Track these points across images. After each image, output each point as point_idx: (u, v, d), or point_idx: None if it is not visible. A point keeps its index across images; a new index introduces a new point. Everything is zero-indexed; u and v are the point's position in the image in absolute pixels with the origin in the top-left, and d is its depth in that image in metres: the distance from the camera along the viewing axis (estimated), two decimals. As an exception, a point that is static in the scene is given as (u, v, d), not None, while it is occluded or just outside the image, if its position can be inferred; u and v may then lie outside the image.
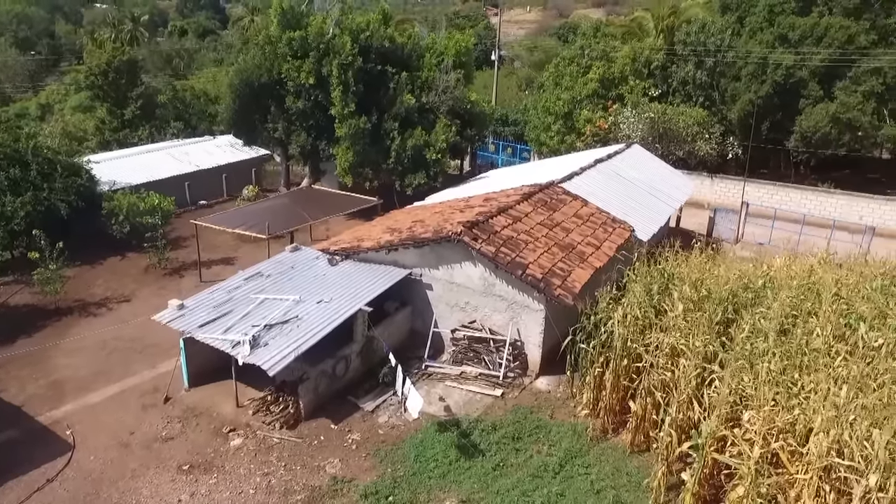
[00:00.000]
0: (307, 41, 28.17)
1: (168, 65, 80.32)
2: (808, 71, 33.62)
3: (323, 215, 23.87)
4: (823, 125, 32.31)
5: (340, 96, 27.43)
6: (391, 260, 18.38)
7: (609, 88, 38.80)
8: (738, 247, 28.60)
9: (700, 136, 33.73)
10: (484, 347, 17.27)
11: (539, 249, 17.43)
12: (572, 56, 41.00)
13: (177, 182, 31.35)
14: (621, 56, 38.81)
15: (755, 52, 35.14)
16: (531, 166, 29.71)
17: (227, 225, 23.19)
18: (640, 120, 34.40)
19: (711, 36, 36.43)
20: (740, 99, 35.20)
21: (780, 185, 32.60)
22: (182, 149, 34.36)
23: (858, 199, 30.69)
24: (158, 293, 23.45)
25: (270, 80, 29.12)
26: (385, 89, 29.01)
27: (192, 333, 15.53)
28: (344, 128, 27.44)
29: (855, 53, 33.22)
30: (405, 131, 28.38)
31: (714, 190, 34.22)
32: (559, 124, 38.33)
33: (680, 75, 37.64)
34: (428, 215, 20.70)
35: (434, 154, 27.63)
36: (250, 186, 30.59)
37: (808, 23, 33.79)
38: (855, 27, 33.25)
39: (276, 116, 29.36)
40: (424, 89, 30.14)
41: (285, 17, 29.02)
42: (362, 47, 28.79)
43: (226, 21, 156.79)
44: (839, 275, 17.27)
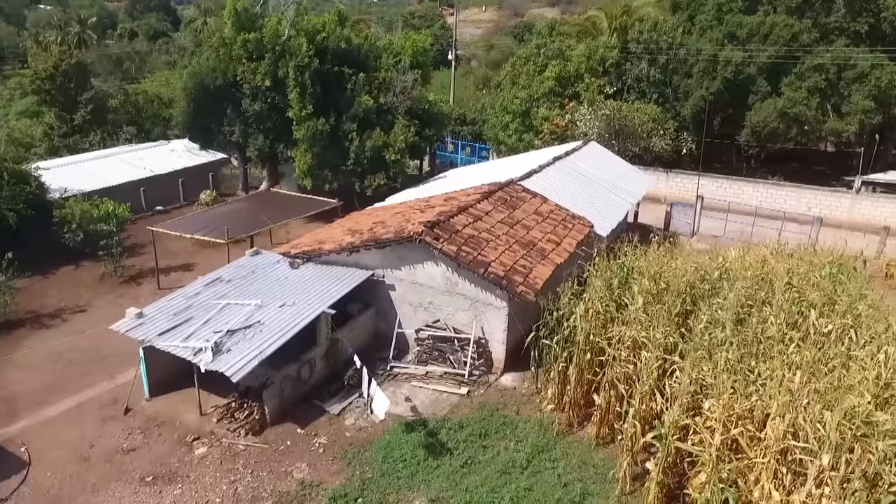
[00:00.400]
0: (262, 43, 27.85)
1: (118, 68, 78.40)
2: (756, 67, 34.60)
3: (283, 218, 23.62)
4: (772, 120, 33.28)
5: (298, 98, 27.18)
6: (353, 262, 18.30)
7: (565, 87, 39.28)
8: (694, 240, 29.21)
9: (655, 133, 34.39)
10: (448, 346, 17.33)
11: (500, 247, 17.56)
12: (528, 55, 41.43)
13: (131, 188, 30.66)
14: (576, 55, 39.33)
15: (706, 49, 35.99)
16: (491, 165, 29.91)
17: (185, 230, 22.79)
18: (597, 117, 34.90)
19: (663, 34, 37.20)
20: (692, 95, 36.01)
21: (733, 178, 33.45)
22: (136, 154, 33.62)
23: (806, 191, 31.67)
24: (115, 302, 22.91)
25: (226, 83, 28.70)
26: (342, 90, 28.85)
27: (151, 342, 15.24)
28: (302, 130, 27.20)
29: (799, 50, 34.31)
30: (364, 132, 28.27)
31: (670, 185, 34.93)
32: (517, 123, 38.66)
33: (634, 73, 38.33)
34: (389, 216, 20.66)
35: (393, 155, 27.58)
36: (208, 191, 30.09)
37: (754, 21, 34.75)
38: (798, 25, 34.32)
39: (233, 119, 28.96)
40: (382, 90, 30.06)
41: (239, 18, 28.63)
42: (319, 48, 28.59)
43: (177, 23, 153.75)
44: (790, 264, 17.84)
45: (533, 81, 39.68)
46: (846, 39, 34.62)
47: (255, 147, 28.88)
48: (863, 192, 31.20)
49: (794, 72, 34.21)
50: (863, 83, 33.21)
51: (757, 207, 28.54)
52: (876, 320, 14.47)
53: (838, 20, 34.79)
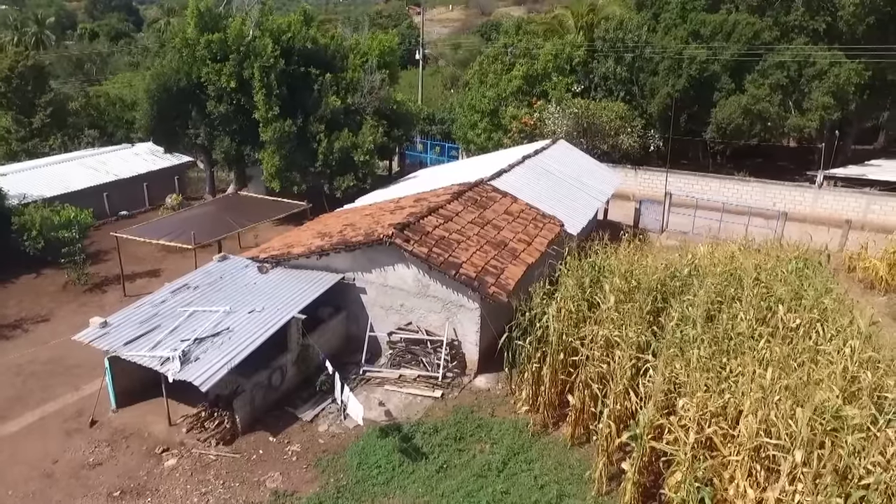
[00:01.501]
0: (227, 44, 27.33)
1: (79, 70, 76.45)
2: (720, 65, 35.01)
3: (251, 222, 23.21)
4: (736, 116, 33.72)
5: (264, 100, 26.75)
6: (323, 265, 18.02)
7: (533, 85, 39.36)
8: (663, 236, 29.45)
9: (623, 131, 34.61)
10: (421, 349, 17.17)
11: (471, 248, 17.45)
12: (496, 54, 41.40)
13: (94, 193, 29.89)
14: (544, 53, 39.40)
15: (671, 47, 36.32)
16: (460, 164, 29.81)
17: (150, 236, 22.26)
18: (565, 115, 35.01)
19: (629, 33, 37.46)
20: (659, 93, 36.32)
21: (700, 175, 33.84)
22: (99, 158, 32.77)
23: (771, 186, 32.17)
24: (79, 311, 22.30)
25: (190, 85, 28.12)
26: (309, 91, 28.48)
27: (117, 352, 14.82)
28: (269, 132, 26.78)
29: (761, 48, 34.82)
30: (332, 133, 27.94)
31: (638, 182, 35.20)
32: (486, 122, 38.61)
33: (601, 71, 38.53)
34: (358, 218, 20.42)
35: (362, 156, 27.31)
36: (174, 195, 29.47)
37: (717, 19, 35.19)
38: (760, 24, 34.83)
39: (198, 122, 28.39)
40: (350, 90, 29.76)
41: (202, 19, 28.06)
42: (284, 49, 28.17)
43: (140, 23, 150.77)
44: (758, 260, 18.05)
45: (501, 80, 39.68)
46: (805, 38, 35.22)
47: (221, 150, 28.36)
48: (825, 186, 31.75)
49: (757, 69, 34.71)
50: (822, 80, 33.81)
51: (724, 203, 28.84)
52: (841, 314, 14.69)
53: (797, 18, 35.37)
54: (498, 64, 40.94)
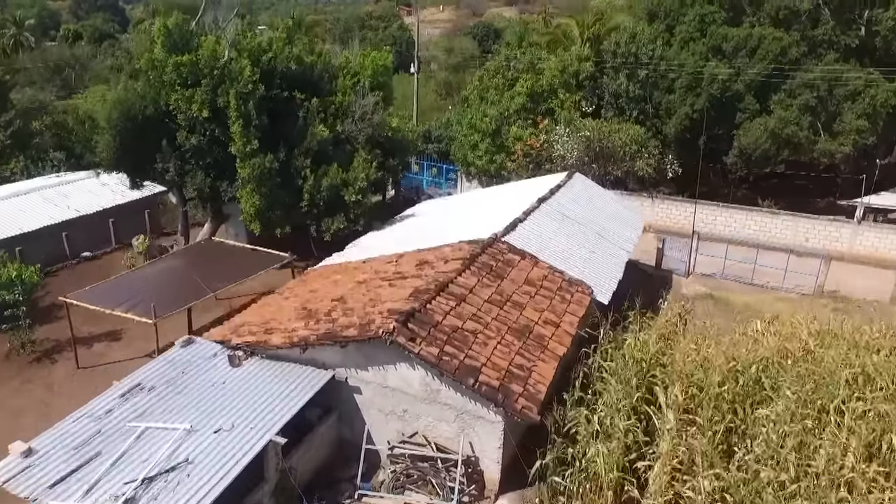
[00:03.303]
0: (198, 66, 23.58)
1: (57, 75, 72.01)
2: (744, 84, 31.57)
3: (224, 283, 19.60)
4: (763, 142, 30.34)
5: (241, 132, 23.06)
6: (308, 358, 14.50)
7: (538, 102, 35.75)
8: (690, 280, 26.16)
9: (638, 156, 31.12)
10: (430, 466, 13.68)
11: (491, 340, 13.96)
12: (497, 68, 37.74)
13: (52, 232, 26.24)
14: (549, 68, 35.76)
15: (689, 63, 32.85)
16: (464, 201, 26.23)
17: (106, 303, 18.67)
18: (575, 139, 31.51)
19: (642, 47, 33.92)
20: (676, 113, 32.88)
21: (724, 206, 30.43)
22: (59, 189, 29.00)
23: (803, 220, 28.85)
24: (21, 390, 18.77)
25: (157, 112, 24.37)
26: (293, 119, 24.81)
27: (40, 500, 11.24)
28: (247, 168, 23.11)
29: (788, 65, 31.41)
30: (319, 168, 24.31)
31: (656, 211, 31.78)
32: (487, 143, 35.01)
33: (612, 88, 35.00)
34: (350, 287, 16.90)
35: (353, 195, 23.69)
36: (141, 237, 25.72)
37: (741, 34, 31.73)
38: (787, 38, 31.41)
39: (167, 154, 24.65)
40: (339, 116, 26.11)
41: (171, 37, 24.27)
42: (265, 71, 24.48)
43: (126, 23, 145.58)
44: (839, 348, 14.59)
45: (503, 97, 36.06)
46: (836, 53, 31.85)
47: (193, 186, 24.66)
48: (864, 222, 28.42)
49: (784, 88, 31.29)
50: (855, 101, 30.48)
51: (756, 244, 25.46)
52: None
53: (826, 33, 31.98)
54: (499, 78, 37.28)
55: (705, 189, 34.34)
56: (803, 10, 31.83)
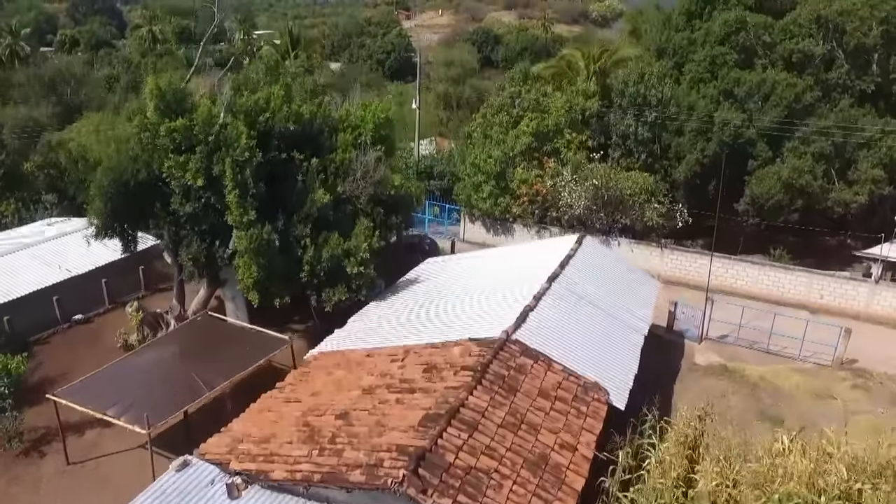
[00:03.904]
0: (192, 132, 22.32)
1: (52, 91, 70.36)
2: (757, 130, 30.40)
3: (221, 378, 18.39)
4: (776, 192, 29.21)
5: (237, 201, 21.84)
6: (312, 492, 13.37)
7: (543, 142, 34.56)
8: (703, 346, 25.08)
9: (648, 206, 29.95)
10: None
11: (506, 481, 12.88)
12: (502, 104, 36.45)
13: (42, 296, 25.02)
14: (555, 106, 34.50)
15: (699, 106, 31.68)
16: (469, 268, 24.94)
17: (96, 402, 17.58)
18: (583, 187, 30.35)
19: (652, 88, 32.66)
20: (686, 158, 31.79)
21: (735, 259, 29.30)
22: (51, 246, 27.78)
23: (818, 277, 27.74)
24: (6, 493, 17.62)
25: (150, 177, 23.11)
26: (292, 182, 23.61)
27: None
28: (244, 240, 21.90)
29: (802, 111, 30.26)
30: (319, 234, 23.11)
31: (665, 262, 30.65)
32: (491, 185, 33.84)
33: (620, 129, 33.78)
34: (354, 396, 15.83)
35: (356, 267, 22.51)
36: (134, 304, 24.44)
37: (754, 79, 30.54)
38: (800, 84, 30.21)
39: (161, 220, 23.44)
40: (340, 175, 24.91)
41: (164, 98, 22.99)
42: (262, 133, 23.27)
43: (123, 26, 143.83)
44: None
45: (507, 136, 34.82)
46: (850, 98, 30.70)
47: (188, 255, 23.44)
48: (882, 281, 27.31)
49: (798, 135, 30.13)
50: (871, 150, 29.36)
51: (774, 314, 24.32)
52: None
53: (841, 77, 30.81)
54: (503, 115, 36.00)
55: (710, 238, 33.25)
56: (817, 55, 30.61)
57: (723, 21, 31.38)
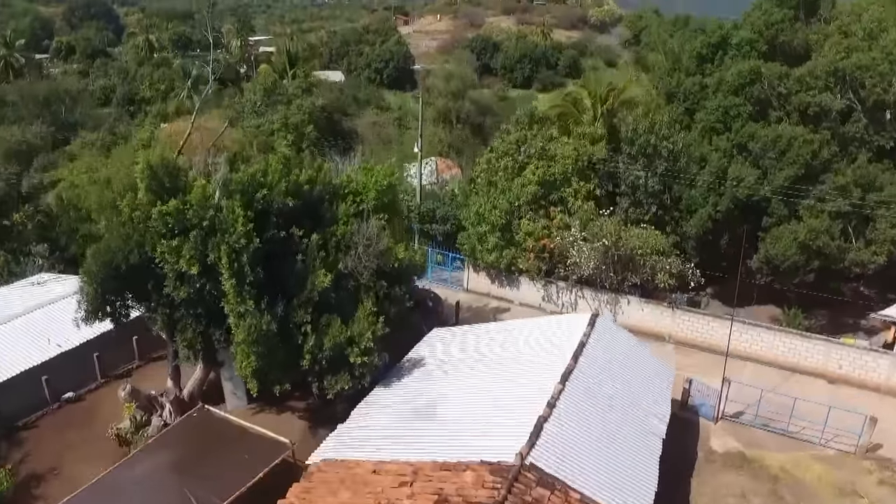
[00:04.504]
0: (185, 216, 20.94)
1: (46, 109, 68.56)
2: (771, 187, 29.10)
3: (216, 496, 17.10)
4: (792, 253, 27.94)
5: (234, 291, 20.52)
6: None
7: (550, 190, 33.22)
8: (719, 427, 23.90)
9: (660, 268, 28.63)
10: None
11: None
12: (506, 149, 35.02)
13: (31, 377, 23.72)
14: (563, 154, 33.10)
15: (712, 159, 30.38)
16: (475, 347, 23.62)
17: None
18: (592, 248, 29.05)
19: (663, 140, 31.23)
20: (697, 213, 30.49)
21: (750, 324, 28.00)
22: (40, 316, 26.36)
23: (835, 347, 26.49)
24: None
25: (143, 259, 21.74)
26: (291, 262, 22.29)
27: None
28: (241, 332, 20.61)
29: (818, 167, 28.96)
30: (320, 317, 21.82)
31: (676, 322, 29.41)
32: (496, 237, 32.50)
33: (629, 179, 32.41)
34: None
35: (359, 357, 21.23)
36: (126, 387, 23.06)
37: (770, 135, 29.19)
38: (817, 140, 28.88)
39: (154, 303, 22.11)
40: (341, 249, 23.57)
41: (156, 177, 21.59)
42: (260, 211, 21.90)
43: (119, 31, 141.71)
44: None
45: (513, 184, 33.44)
46: (868, 153, 29.40)
47: (183, 341, 22.13)
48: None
49: (814, 193, 28.83)
50: (890, 208, 28.09)
51: (796, 400, 23.11)
52: None
53: (859, 131, 29.48)
54: (508, 159, 34.59)
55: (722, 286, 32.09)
56: (835, 109, 29.27)
57: (737, 72, 29.96)
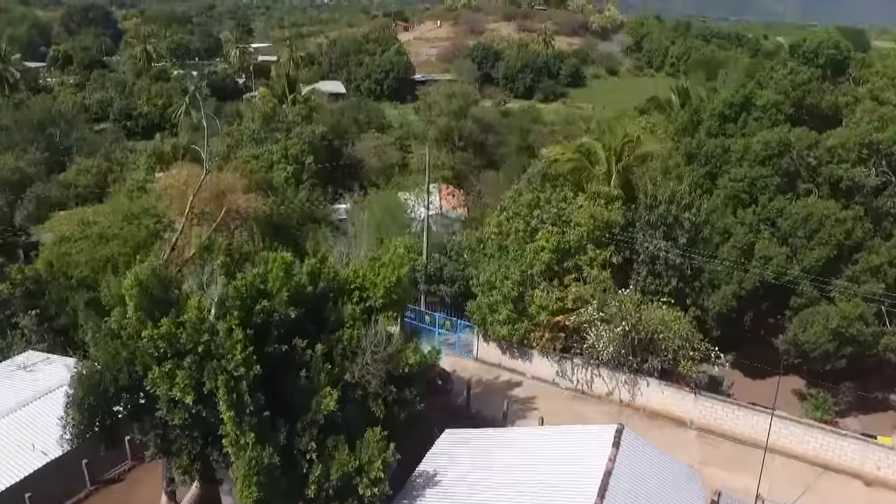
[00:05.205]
0: (178, 340, 18.80)
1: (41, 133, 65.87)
2: (801, 268, 27.02)
3: None
4: (824, 342, 25.91)
5: (233, 421, 18.48)
6: None
7: (564, 257, 31.10)
8: (751, 548, 21.96)
9: (684, 354, 26.61)
10: None
11: None
12: (518, 212, 32.83)
13: (13, 495, 21.61)
14: (577, 221, 30.94)
15: (738, 233, 28.25)
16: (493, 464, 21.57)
17: None
18: (611, 332, 27.01)
19: (685, 211, 29.05)
20: (721, 290, 28.41)
21: (779, 416, 25.92)
22: (24, 415, 24.28)
23: (874, 448, 24.54)
24: None
25: (133, 381, 19.63)
26: (294, 377, 20.23)
27: None
28: (241, 466, 18.60)
29: (851, 247, 26.87)
30: (326, 439, 19.78)
31: (699, 407, 27.45)
32: (508, 308, 30.40)
33: (649, 250, 30.22)
34: None
35: (369, 488, 19.21)
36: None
37: (800, 213, 27.04)
38: (850, 218, 26.75)
39: (147, 427, 20.04)
40: (347, 356, 21.50)
41: (146, 294, 19.42)
42: (260, 325, 19.80)
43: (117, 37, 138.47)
44: None
45: (525, 250, 31.30)
46: (903, 228, 27.38)
47: (179, 467, 20.08)
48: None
49: (846, 274, 26.77)
50: (928, 292, 26.13)
51: None
52: None
53: (893, 206, 27.37)
54: (520, 221, 32.42)
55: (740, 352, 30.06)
56: (869, 185, 27.14)
57: (764, 142, 27.74)
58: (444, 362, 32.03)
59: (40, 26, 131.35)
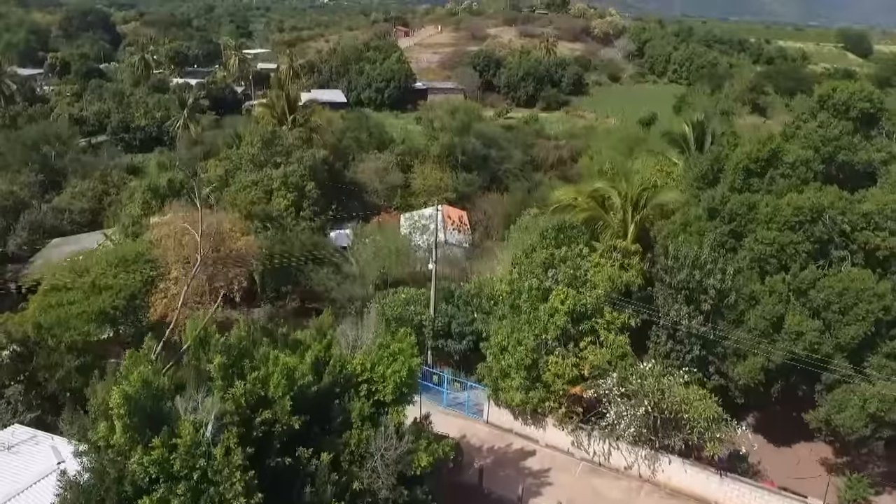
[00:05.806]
0: (170, 465, 16.83)
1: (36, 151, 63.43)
2: (835, 344, 25.09)
3: None
4: (861, 426, 24.03)
5: (232, 559, 16.51)
6: None
7: (580, 320, 29.12)
8: None
9: (710, 437, 24.72)
10: None
11: None
12: (531, 268, 30.80)
13: None
14: (593, 282, 28.99)
15: (766, 302, 26.26)
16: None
17: None
18: (632, 409, 25.12)
19: (709, 275, 27.08)
20: (748, 362, 26.43)
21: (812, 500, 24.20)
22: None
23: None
24: None
25: (121, 498, 17.68)
26: (299, 489, 18.32)
27: None
28: None
29: (889, 321, 24.93)
30: (334, 561, 17.94)
31: (724, 490, 25.64)
32: (522, 376, 28.45)
33: (670, 315, 28.25)
34: None
35: None
36: None
37: (834, 287, 25.00)
38: (888, 291, 24.77)
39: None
40: (355, 461, 19.60)
41: (133, 408, 17.40)
42: (260, 439, 17.87)
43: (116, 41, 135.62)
44: None
45: (538, 311, 29.28)
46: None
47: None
48: None
49: (884, 350, 24.86)
50: (971, 371, 24.23)
51: None
52: None
53: (934, 273, 25.48)
54: (533, 280, 30.39)
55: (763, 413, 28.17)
56: (909, 256, 25.23)
57: (795, 207, 25.71)
58: (454, 425, 30.26)
59: (39, 31, 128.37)
